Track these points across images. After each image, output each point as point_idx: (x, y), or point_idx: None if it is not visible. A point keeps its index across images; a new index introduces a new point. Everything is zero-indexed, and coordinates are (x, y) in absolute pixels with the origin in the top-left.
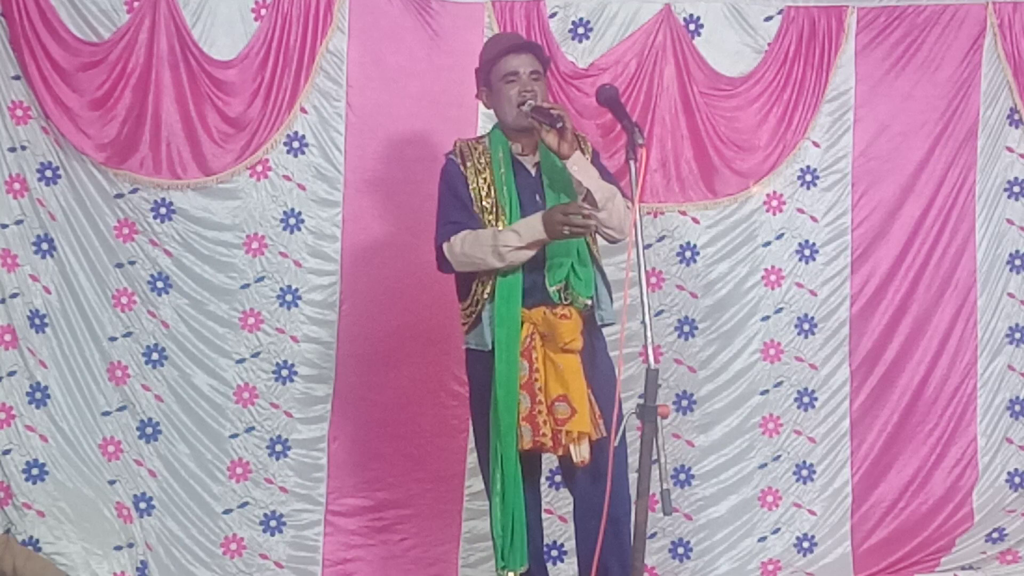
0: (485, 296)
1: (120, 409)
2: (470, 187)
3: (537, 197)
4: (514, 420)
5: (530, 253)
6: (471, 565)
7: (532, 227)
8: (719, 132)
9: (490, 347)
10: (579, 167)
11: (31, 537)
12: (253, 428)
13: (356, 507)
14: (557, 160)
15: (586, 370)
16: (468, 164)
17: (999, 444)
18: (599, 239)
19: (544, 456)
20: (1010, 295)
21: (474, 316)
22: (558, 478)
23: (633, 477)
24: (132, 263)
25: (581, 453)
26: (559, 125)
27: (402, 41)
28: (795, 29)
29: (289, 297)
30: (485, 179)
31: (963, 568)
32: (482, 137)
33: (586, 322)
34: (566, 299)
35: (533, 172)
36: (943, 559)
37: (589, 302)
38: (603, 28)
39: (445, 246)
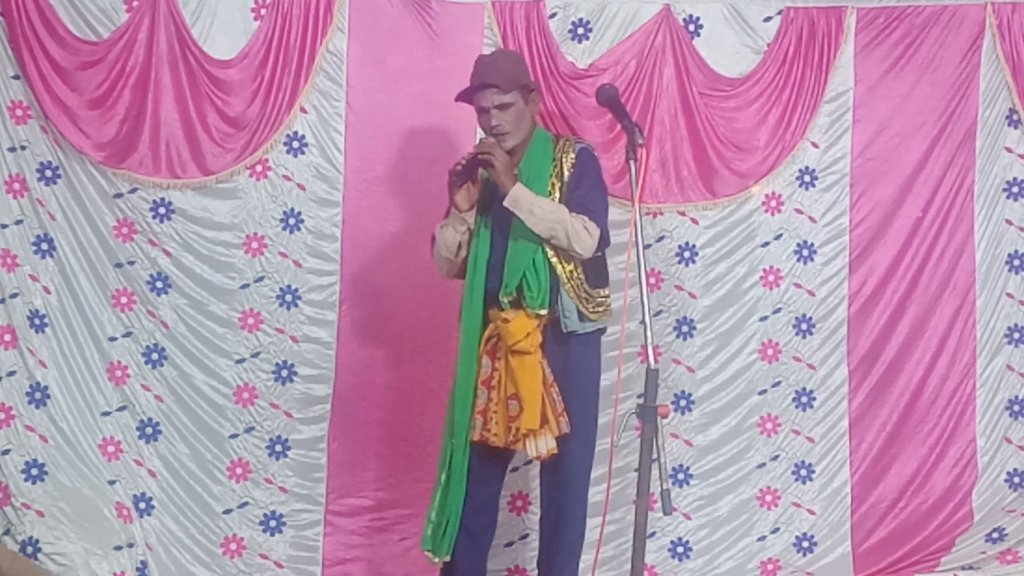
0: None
1: (120, 409)
2: None
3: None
4: (467, 417)
5: (455, 235)
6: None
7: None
8: (718, 133)
9: None
10: (516, 203)
11: (31, 537)
12: (253, 428)
13: (356, 507)
14: (534, 171)
15: (556, 372)
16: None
17: (998, 444)
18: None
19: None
20: (1009, 295)
21: (459, 314)
22: None
23: (633, 476)
24: (131, 263)
25: (537, 449)
26: (460, 182)
27: (402, 41)
28: (794, 30)
29: (289, 297)
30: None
31: (963, 568)
32: None
33: (555, 328)
34: (525, 306)
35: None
36: (943, 559)
37: (542, 312)
38: (603, 28)
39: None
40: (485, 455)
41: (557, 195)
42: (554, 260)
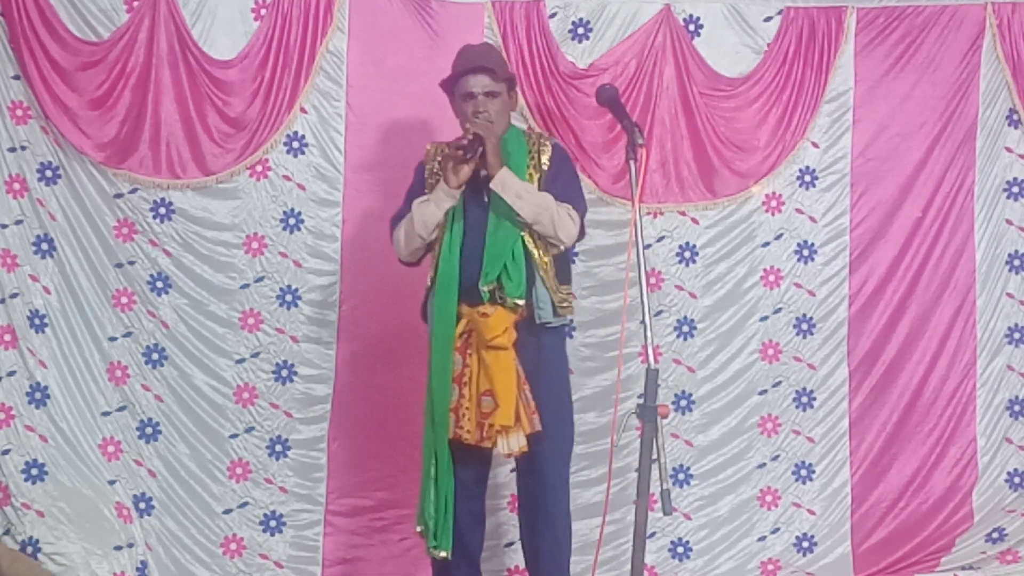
0: (428, 286)
1: (120, 409)
2: (426, 189)
3: (485, 198)
4: (447, 410)
5: (438, 212)
6: None
7: (438, 185)
8: (719, 132)
9: None
10: (503, 186)
11: (31, 537)
12: (253, 428)
13: (356, 507)
14: (512, 162)
15: (527, 368)
16: (428, 167)
17: (999, 444)
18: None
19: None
20: (1009, 295)
21: (422, 309)
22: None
23: (633, 476)
24: (132, 263)
25: (509, 446)
26: (469, 155)
27: (402, 41)
28: (794, 30)
29: (289, 297)
30: (439, 179)
31: (963, 568)
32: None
33: (528, 321)
34: (501, 299)
35: (483, 174)
36: (943, 559)
37: (520, 302)
38: (603, 28)
39: (393, 238)
40: (460, 457)
41: (536, 185)
42: (533, 250)
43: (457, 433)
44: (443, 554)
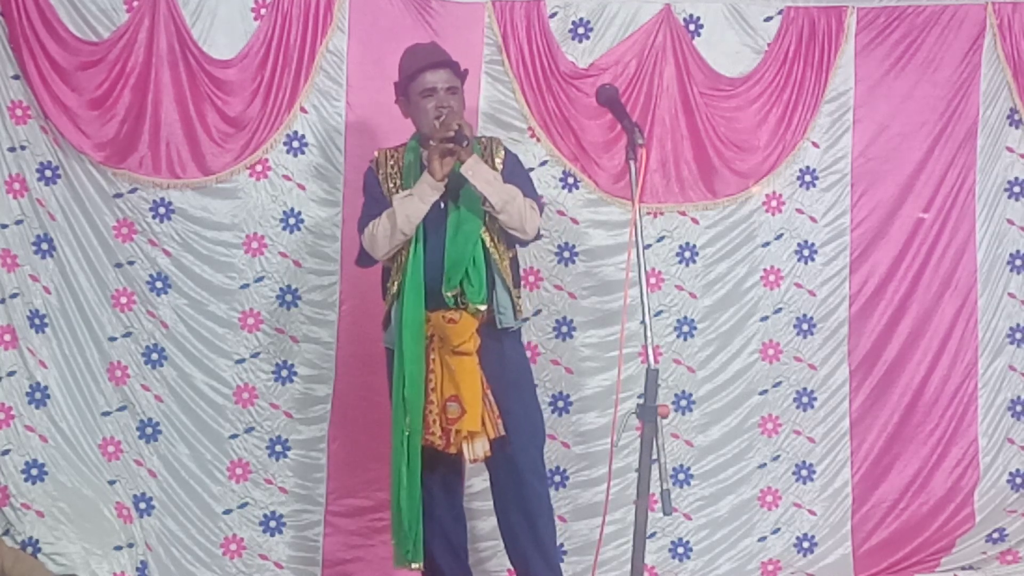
0: (394, 292)
1: (120, 409)
2: (384, 192)
3: (441, 204)
4: (420, 418)
5: (423, 206)
6: (471, 565)
7: (420, 179)
8: (719, 132)
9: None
10: (473, 172)
11: (31, 538)
12: (253, 428)
13: (356, 507)
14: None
15: (490, 373)
16: (381, 172)
17: (1000, 445)
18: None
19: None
20: (1011, 295)
21: (385, 315)
22: (557, 478)
23: (633, 476)
24: (131, 263)
25: (474, 452)
26: (465, 144)
27: (402, 41)
28: (795, 29)
29: (289, 297)
30: (395, 184)
31: (963, 568)
32: (401, 146)
33: (489, 326)
34: (462, 304)
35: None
36: (943, 559)
37: (482, 308)
38: (603, 28)
39: (363, 236)
40: (429, 463)
41: None
42: (494, 254)
43: (428, 439)
44: (416, 565)
